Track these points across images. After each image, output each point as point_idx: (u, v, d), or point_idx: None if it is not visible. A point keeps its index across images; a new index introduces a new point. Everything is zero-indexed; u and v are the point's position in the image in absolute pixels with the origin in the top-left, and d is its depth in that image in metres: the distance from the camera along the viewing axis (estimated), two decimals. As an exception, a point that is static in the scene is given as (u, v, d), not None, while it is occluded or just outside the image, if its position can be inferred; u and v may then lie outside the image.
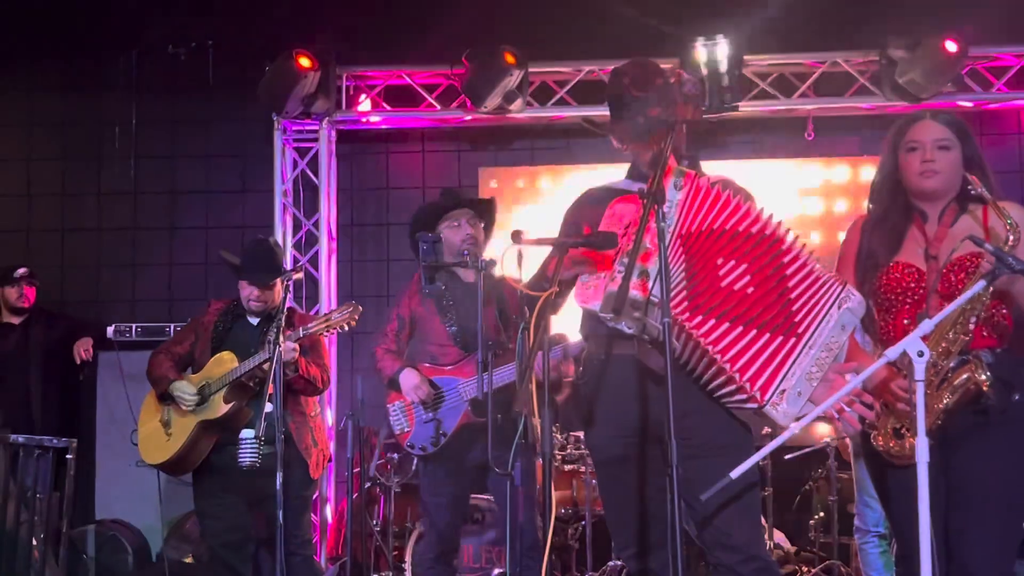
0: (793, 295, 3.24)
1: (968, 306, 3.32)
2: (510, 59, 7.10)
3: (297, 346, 5.19)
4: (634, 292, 3.14)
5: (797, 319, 3.22)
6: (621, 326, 3.25)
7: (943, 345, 3.36)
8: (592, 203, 3.54)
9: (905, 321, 3.48)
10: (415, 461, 6.71)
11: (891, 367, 3.37)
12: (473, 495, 5.34)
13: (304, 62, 7.22)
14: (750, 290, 3.22)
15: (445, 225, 5.12)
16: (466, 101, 7.48)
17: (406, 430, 5.05)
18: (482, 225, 5.15)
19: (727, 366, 3.18)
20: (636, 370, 3.34)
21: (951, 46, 6.91)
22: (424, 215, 5.23)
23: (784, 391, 3.20)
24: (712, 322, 3.19)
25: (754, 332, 3.20)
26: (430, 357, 5.07)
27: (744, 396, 3.21)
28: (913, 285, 3.49)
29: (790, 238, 3.28)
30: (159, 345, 5.68)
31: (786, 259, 3.26)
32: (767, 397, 3.19)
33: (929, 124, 3.56)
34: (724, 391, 3.25)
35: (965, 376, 3.35)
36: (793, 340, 3.21)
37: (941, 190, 3.55)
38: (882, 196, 3.65)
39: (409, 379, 5.01)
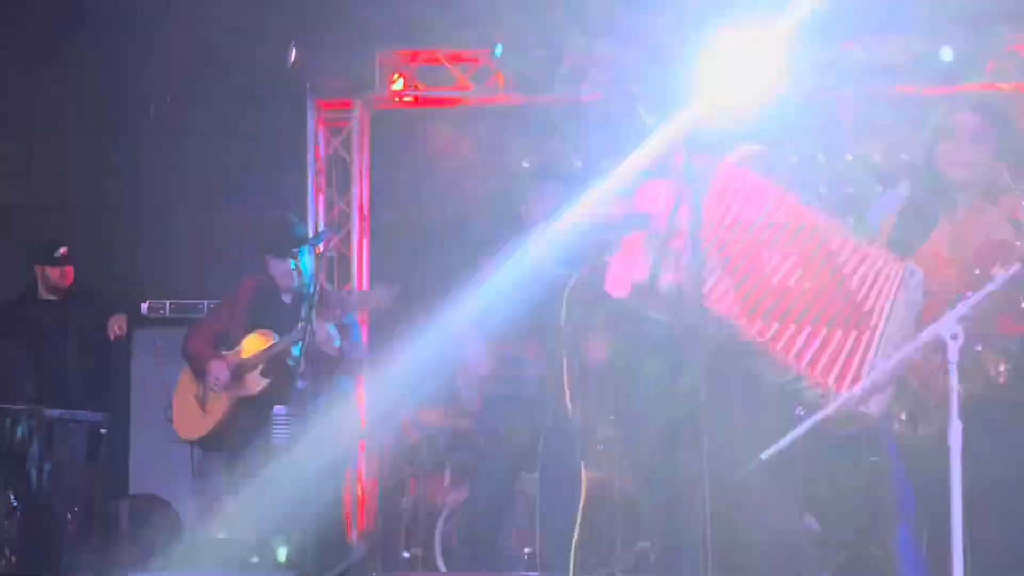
0: (853, 284, 3.17)
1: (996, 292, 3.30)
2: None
3: (337, 334, 5.21)
4: (662, 283, 3.13)
5: (866, 309, 3.15)
6: (653, 315, 3.25)
7: None
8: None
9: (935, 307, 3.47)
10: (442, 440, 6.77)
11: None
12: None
13: (337, 41, 7.23)
14: (806, 285, 3.16)
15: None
16: (499, 80, 7.46)
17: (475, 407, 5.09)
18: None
19: (806, 371, 3.10)
20: (669, 353, 3.34)
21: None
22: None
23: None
24: (776, 325, 3.12)
25: (824, 331, 3.13)
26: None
27: (823, 391, 3.13)
28: (943, 271, 3.47)
29: (826, 222, 3.24)
30: (193, 322, 5.72)
31: (834, 246, 3.20)
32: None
33: (968, 114, 3.55)
34: (800, 387, 3.18)
35: (987, 363, 3.34)
36: (868, 333, 3.13)
37: (970, 181, 3.54)
38: (915, 180, 3.65)
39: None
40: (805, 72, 7.34)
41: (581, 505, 3.26)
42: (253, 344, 5.40)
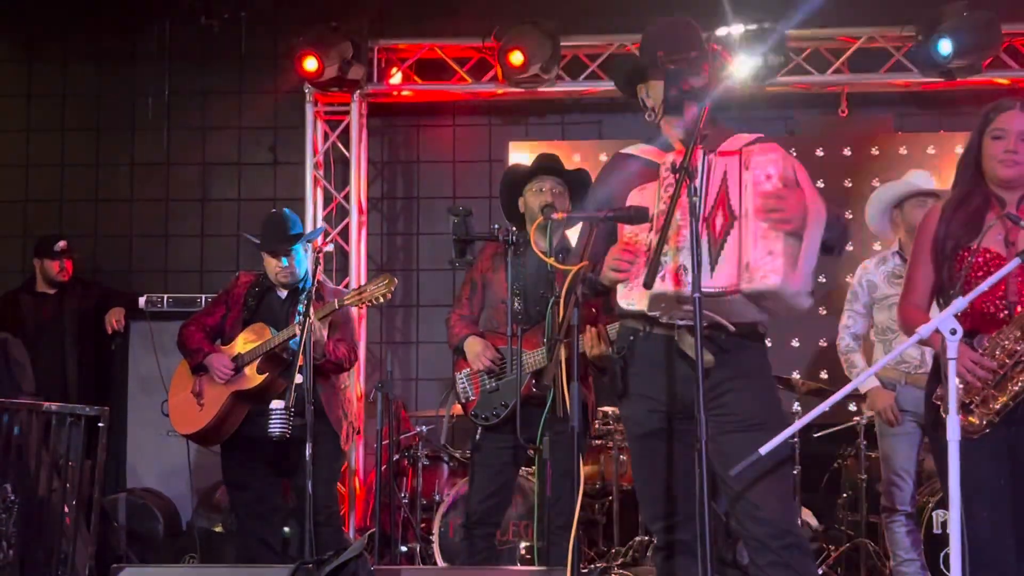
0: None
1: None
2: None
3: (325, 330, 5.18)
4: (677, 288, 3.12)
5: None
6: (675, 320, 3.25)
7: (1020, 331, 3.38)
8: (617, 174, 3.54)
9: (986, 305, 3.51)
10: (443, 434, 6.75)
11: (967, 343, 3.40)
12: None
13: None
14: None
15: (530, 189, 5.05)
16: (497, 75, 7.45)
17: (471, 399, 5.03)
18: (567, 195, 5.00)
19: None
20: (671, 346, 3.34)
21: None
22: (512, 177, 5.19)
23: None
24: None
25: None
26: (496, 325, 5.04)
27: None
28: (995, 270, 3.47)
29: None
30: (189, 317, 5.70)
31: None
32: None
33: (1017, 115, 3.61)
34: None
35: None
36: None
37: (1018, 180, 3.60)
38: (964, 179, 3.71)
39: (473, 346, 5.01)
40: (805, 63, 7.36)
41: (579, 499, 3.25)
42: (249, 339, 5.39)
